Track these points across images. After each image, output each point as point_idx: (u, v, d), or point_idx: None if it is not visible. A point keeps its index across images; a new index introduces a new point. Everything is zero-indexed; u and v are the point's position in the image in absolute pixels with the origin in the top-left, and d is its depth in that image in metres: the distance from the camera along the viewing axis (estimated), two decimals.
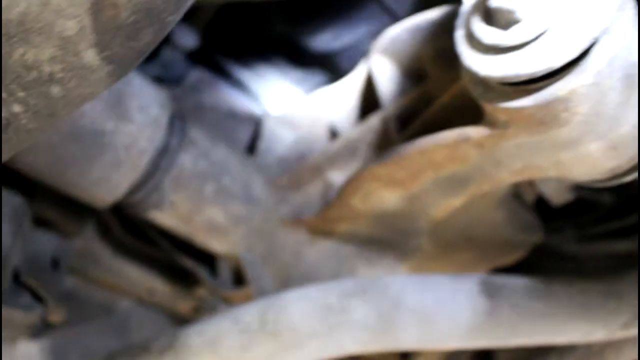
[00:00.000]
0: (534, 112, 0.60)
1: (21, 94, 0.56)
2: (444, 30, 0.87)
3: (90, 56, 0.55)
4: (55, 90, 0.56)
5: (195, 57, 1.23)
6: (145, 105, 0.89)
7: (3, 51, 0.52)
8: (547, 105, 0.59)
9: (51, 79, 0.55)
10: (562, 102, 0.58)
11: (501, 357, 1.21)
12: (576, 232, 1.18)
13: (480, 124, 0.67)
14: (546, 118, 0.60)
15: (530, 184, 0.89)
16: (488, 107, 0.64)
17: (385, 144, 0.93)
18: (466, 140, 0.68)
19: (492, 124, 0.66)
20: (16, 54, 0.53)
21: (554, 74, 0.58)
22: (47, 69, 0.54)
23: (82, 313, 1.23)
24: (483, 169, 0.72)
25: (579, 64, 0.57)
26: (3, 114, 0.58)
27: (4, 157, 0.62)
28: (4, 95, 0.56)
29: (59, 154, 0.84)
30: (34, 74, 0.55)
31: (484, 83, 0.64)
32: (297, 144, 1.08)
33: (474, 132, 0.67)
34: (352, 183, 0.85)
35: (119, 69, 0.57)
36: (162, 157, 0.92)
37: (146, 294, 1.25)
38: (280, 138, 1.11)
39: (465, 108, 0.75)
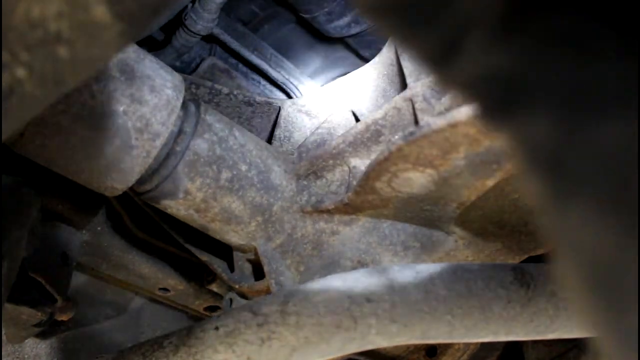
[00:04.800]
0: None
1: (25, 57, 0.52)
2: None
3: (100, 11, 0.50)
4: (63, 51, 0.52)
5: (211, 43, 1.19)
6: (158, 86, 0.85)
7: (6, 6, 0.48)
8: None
9: (58, 38, 0.51)
10: None
11: (532, 353, 1.16)
12: None
13: None
14: None
15: None
16: None
17: (411, 125, 0.88)
18: None
19: None
20: (20, 9, 0.49)
21: None
22: (53, 26, 0.50)
23: (92, 311, 1.19)
24: None
25: None
26: (6, 80, 0.54)
27: (8, 131, 0.58)
28: (6, 57, 0.52)
29: (67, 137, 0.80)
30: (39, 33, 0.50)
31: None
32: (318, 131, 1.03)
33: None
34: (377, 164, 0.80)
35: (131, 28, 0.52)
36: (176, 142, 0.87)
37: (159, 292, 1.21)
38: (300, 125, 1.06)
39: None
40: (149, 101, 0.83)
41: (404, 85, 0.90)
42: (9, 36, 0.51)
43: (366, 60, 1.04)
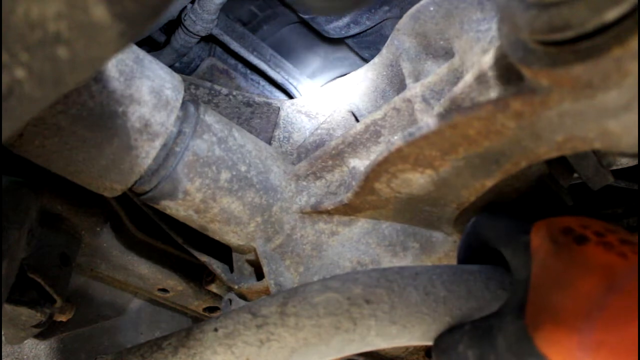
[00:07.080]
0: (581, 73, 0.55)
1: (25, 57, 0.52)
2: (469, 2, 0.82)
3: (99, 12, 0.50)
4: (62, 52, 0.52)
5: (210, 44, 1.19)
6: (157, 87, 0.85)
7: (5, 7, 0.48)
8: (596, 65, 0.54)
9: (57, 38, 0.51)
10: (613, 60, 0.53)
11: None
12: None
13: (519, 91, 0.62)
14: (594, 80, 0.55)
15: (566, 165, 0.83)
16: (528, 72, 0.59)
17: (411, 126, 0.88)
18: (503, 110, 0.63)
19: (532, 90, 0.61)
20: (19, 10, 0.49)
21: (605, 29, 0.53)
22: (52, 27, 0.50)
23: (91, 312, 1.19)
24: (520, 143, 0.67)
25: (634, 16, 0.52)
26: (5, 81, 0.54)
27: (7, 132, 0.57)
28: (6, 58, 0.52)
29: (66, 138, 0.80)
30: (38, 33, 0.50)
31: (525, 45, 0.59)
32: (317, 132, 1.03)
33: (512, 100, 0.62)
34: (377, 165, 0.80)
35: (131, 29, 0.52)
36: (175, 143, 0.87)
37: (158, 292, 1.21)
38: (299, 126, 1.06)
39: (500, 79, 0.70)
40: (148, 102, 0.83)
41: (403, 86, 0.90)
42: (9, 37, 0.50)
43: (365, 60, 1.04)
